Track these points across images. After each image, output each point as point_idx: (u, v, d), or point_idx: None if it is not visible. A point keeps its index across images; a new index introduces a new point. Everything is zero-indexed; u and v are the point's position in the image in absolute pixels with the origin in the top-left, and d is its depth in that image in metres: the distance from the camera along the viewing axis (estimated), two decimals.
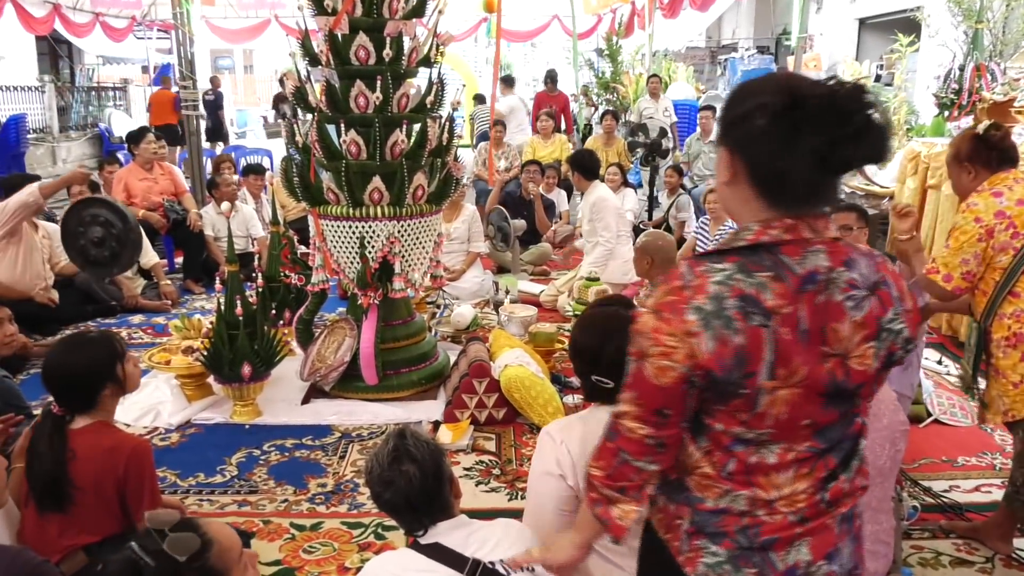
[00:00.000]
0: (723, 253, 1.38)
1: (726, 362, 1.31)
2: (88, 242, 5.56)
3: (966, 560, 2.97)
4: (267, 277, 4.86)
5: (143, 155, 7.26)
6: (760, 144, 1.34)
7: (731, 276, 1.33)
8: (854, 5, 15.72)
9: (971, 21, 6.77)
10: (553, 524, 2.25)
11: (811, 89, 1.31)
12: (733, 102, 1.40)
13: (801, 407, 1.35)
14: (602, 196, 6.27)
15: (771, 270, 1.33)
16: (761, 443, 1.39)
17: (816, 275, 1.34)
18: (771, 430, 1.37)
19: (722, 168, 1.42)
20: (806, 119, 1.28)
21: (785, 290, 1.32)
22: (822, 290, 1.34)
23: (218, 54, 29.85)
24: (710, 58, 23.80)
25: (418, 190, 4.22)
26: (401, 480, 1.90)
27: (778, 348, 1.31)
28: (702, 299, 1.32)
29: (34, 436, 2.47)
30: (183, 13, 8.71)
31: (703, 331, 1.31)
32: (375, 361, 4.24)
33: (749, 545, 1.41)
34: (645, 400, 1.40)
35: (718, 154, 1.45)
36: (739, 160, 1.38)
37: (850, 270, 1.36)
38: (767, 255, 1.35)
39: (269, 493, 3.45)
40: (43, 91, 15.20)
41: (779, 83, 1.35)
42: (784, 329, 1.31)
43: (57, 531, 2.45)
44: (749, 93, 1.38)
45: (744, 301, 1.31)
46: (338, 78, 4.23)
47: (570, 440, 2.21)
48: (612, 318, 2.28)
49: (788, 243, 1.35)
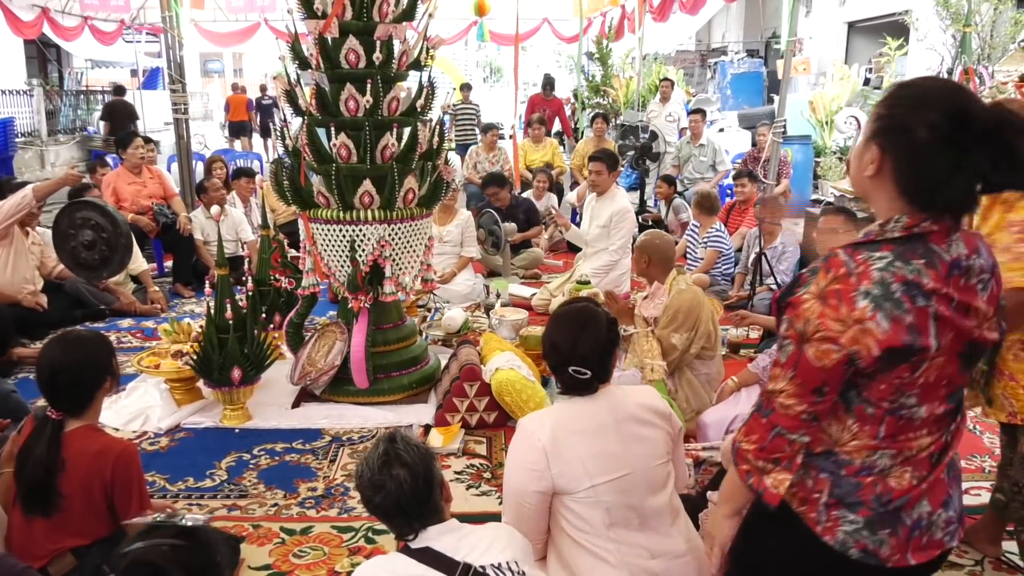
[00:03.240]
0: (878, 243, 1.52)
1: (904, 337, 1.46)
2: (79, 244, 5.55)
3: (956, 563, 2.97)
4: (257, 281, 4.84)
5: (131, 159, 7.23)
6: (919, 158, 1.47)
7: (891, 263, 1.47)
8: (843, 9, 15.81)
9: (959, 25, 6.82)
10: (528, 516, 2.26)
11: (982, 112, 1.42)
12: (895, 107, 1.52)
13: (944, 369, 1.54)
14: (627, 207, 6.20)
15: (924, 257, 1.48)
16: (911, 406, 1.56)
17: (960, 261, 1.51)
18: (917, 393, 1.54)
19: (868, 163, 1.55)
20: (974, 142, 1.42)
21: (938, 275, 1.48)
22: (964, 275, 1.51)
23: (208, 58, 29.82)
24: (700, 61, 23.91)
25: (408, 193, 4.21)
26: (391, 484, 1.89)
27: (940, 322, 1.48)
28: (868, 284, 1.47)
29: (30, 439, 2.45)
30: (172, 17, 8.68)
31: (877, 312, 1.46)
32: (366, 365, 4.23)
33: (883, 509, 1.58)
34: (804, 380, 1.54)
35: (862, 145, 1.57)
36: (890, 162, 1.52)
37: (979, 257, 1.55)
38: (919, 244, 1.50)
39: (259, 497, 3.43)
40: (31, 95, 15.15)
41: (948, 99, 1.45)
42: (942, 306, 1.48)
43: (44, 534, 2.44)
44: (916, 102, 1.48)
45: (907, 286, 1.46)
46: (328, 82, 4.22)
47: (542, 431, 2.22)
48: (584, 312, 2.34)
49: (935, 233, 1.50)
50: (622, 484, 2.19)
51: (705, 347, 4.00)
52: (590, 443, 2.20)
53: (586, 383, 2.26)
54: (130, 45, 17.91)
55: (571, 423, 2.24)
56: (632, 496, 2.21)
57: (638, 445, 2.24)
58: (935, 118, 1.43)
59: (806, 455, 1.63)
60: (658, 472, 2.27)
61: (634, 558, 2.19)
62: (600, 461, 2.19)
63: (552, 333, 2.35)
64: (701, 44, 24.48)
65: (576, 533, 2.22)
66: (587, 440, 2.20)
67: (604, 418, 2.25)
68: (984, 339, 1.58)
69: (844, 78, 11.88)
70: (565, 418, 2.27)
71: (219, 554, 1.59)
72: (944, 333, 1.50)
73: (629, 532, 2.21)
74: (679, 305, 3.93)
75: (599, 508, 2.19)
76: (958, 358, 1.55)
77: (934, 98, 1.46)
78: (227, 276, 4.16)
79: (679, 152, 9.60)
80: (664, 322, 3.95)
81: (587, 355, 2.24)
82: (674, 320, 3.92)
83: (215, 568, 1.56)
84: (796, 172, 9.07)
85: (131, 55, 19.09)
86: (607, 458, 2.20)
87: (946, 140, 1.43)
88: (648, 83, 13.51)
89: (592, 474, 2.17)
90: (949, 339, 1.51)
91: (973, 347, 1.57)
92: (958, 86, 1.54)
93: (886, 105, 1.53)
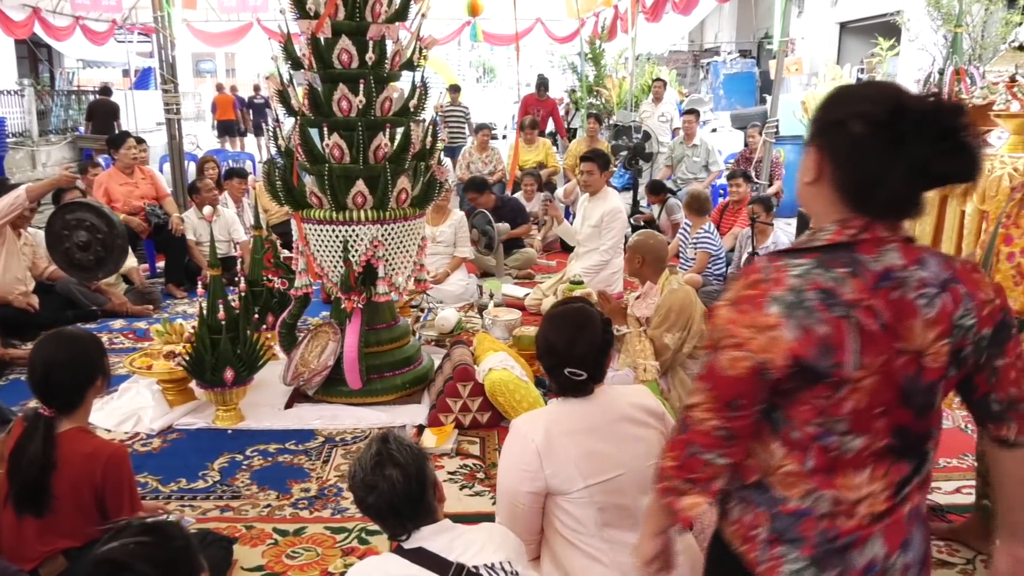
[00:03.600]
0: (801, 251, 1.42)
1: (812, 350, 1.35)
2: (73, 245, 5.52)
3: (947, 562, 2.98)
4: (250, 281, 4.83)
5: (123, 160, 7.21)
6: (855, 151, 1.38)
7: (809, 271, 1.37)
8: (835, 9, 15.85)
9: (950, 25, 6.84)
10: (521, 516, 2.26)
11: (916, 101, 1.34)
12: (830, 106, 1.43)
13: (877, 396, 1.38)
14: (618, 207, 6.19)
15: (848, 266, 1.37)
16: (841, 434, 1.41)
17: (891, 272, 1.37)
18: (848, 419, 1.40)
19: (807, 168, 1.45)
20: (909, 130, 1.32)
21: (862, 286, 1.36)
22: (896, 287, 1.37)
23: (200, 58, 29.75)
24: (693, 62, 23.94)
25: (402, 194, 4.21)
26: (384, 484, 1.89)
27: (863, 337, 1.35)
28: (781, 290, 1.37)
29: (22, 439, 2.44)
30: (164, 16, 8.66)
31: (785, 320, 1.35)
32: (359, 365, 4.23)
33: (829, 547, 1.44)
34: (717, 391, 1.43)
35: (804, 153, 1.47)
36: (828, 163, 1.42)
37: (921, 268, 1.39)
38: (844, 253, 1.39)
39: (252, 498, 3.43)
40: (22, 95, 15.08)
41: (882, 92, 1.38)
42: (867, 319, 1.35)
43: (35, 536, 2.43)
44: (848, 99, 1.41)
45: (824, 293, 1.35)
46: (321, 82, 4.21)
47: (535, 432, 2.22)
48: (580, 313, 2.33)
49: (864, 242, 1.39)
50: (615, 485, 2.20)
51: (698, 347, 4.00)
52: (583, 444, 2.20)
53: (581, 384, 2.26)
54: (122, 45, 17.89)
55: (565, 424, 2.24)
56: (625, 496, 2.21)
57: (632, 445, 2.24)
58: (868, 107, 1.36)
59: (741, 487, 1.52)
60: (652, 472, 2.27)
61: (627, 558, 2.18)
62: (593, 462, 2.19)
63: (548, 334, 2.33)
64: (694, 44, 24.52)
65: (569, 533, 2.22)
66: (580, 441, 2.20)
67: (597, 419, 2.25)
68: (927, 371, 1.39)
69: (836, 78, 11.88)
70: (558, 419, 2.27)
71: (190, 546, 1.58)
72: (869, 352, 1.35)
73: (622, 532, 2.21)
74: (671, 305, 3.94)
75: (592, 508, 2.19)
76: (897, 389, 1.39)
77: (865, 92, 1.40)
78: (220, 277, 4.15)
79: (672, 152, 9.61)
80: (656, 322, 3.96)
81: (583, 357, 2.24)
82: (666, 320, 3.93)
83: (187, 560, 1.55)
84: (788, 172, 9.09)
85: (123, 55, 19.07)
86: (600, 459, 2.20)
87: (881, 128, 1.34)
88: (641, 83, 13.55)
89: (585, 475, 2.17)
90: (880, 362, 1.36)
91: (908, 382, 1.39)
92: (892, 84, 1.45)
93: (822, 107, 1.46)
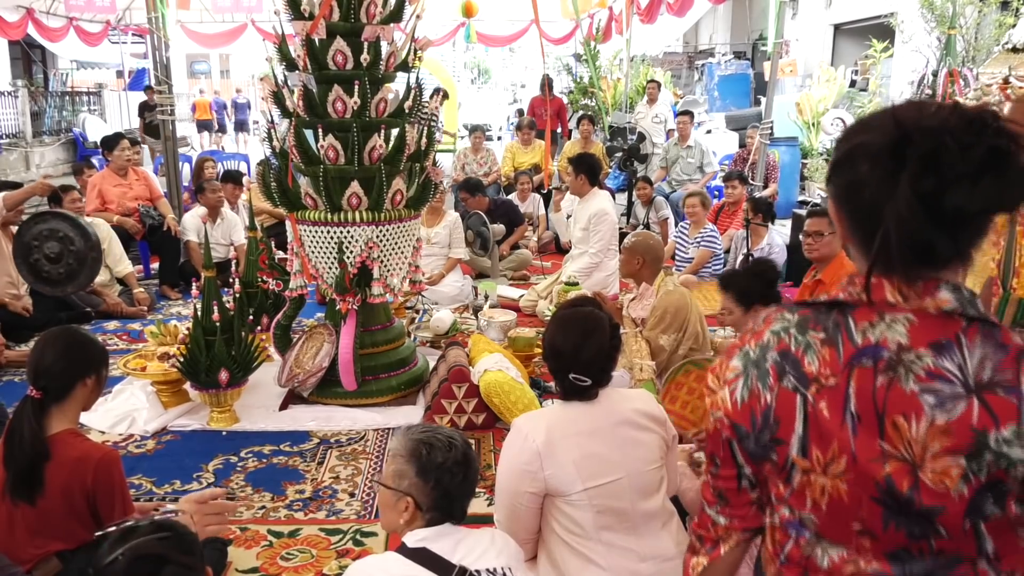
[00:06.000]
0: (805, 304, 1.21)
1: (755, 419, 1.19)
2: (42, 257, 5.34)
3: None
4: (245, 282, 4.82)
5: (117, 161, 7.19)
6: (859, 191, 1.11)
7: (786, 328, 1.18)
8: (829, 11, 15.89)
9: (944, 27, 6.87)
10: (519, 516, 2.26)
11: (923, 119, 1.06)
12: (840, 142, 1.18)
13: (849, 507, 1.14)
14: (604, 209, 6.17)
15: (827, 332, 1.14)
16: (814, 535, 1.20)
17: (881, 349, 1.10)
18: (814, 518, 1.18)
19: (836, 224, 1.21)
20: (912, 157, 1.04)
21: (833, 358, 1.13)
22: (884, 370, 1.09)
23: (194, 58, 29.69)
24: (687, 63, 23.98)
25: (397, 195, 4.21)
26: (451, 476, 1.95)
27: (811, 423, 1.14)
28: (753, 345, 1.21)
29: (13, 421, 2.43)
30: (158, 17, 8.62)
31: (740, 378, 1.21)
32: (354, 366, 4.22)
33: None
34: (708, 443, 1.30)
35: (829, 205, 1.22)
36: (842, 212, 1.16)
37: (940, 356, 1.07)
38: (836, 315, 1.16)
39: (246, 500, 3.42)
40: (16, 96, 15.04)
41: (887, 114, 1.10)
42: (822, 403, 1.13)
43: (28, 537, 2.42)
44: (855, 130, 1.15)
45: (783, 358, 1.17)
46: (316, 83, 4.21)
47: (537, 432, 2.21)
48: (590, 318, 2.31)
49: (864, 305, 1.13)
50: (614, 488, 2.19)
51: (693, 348, 4.01)
52: (584, 446, 2.19)
53: (585, 389, 2.26)
54: (116, 46, 17.86)
55: (566, 426, 2.23)
56: (624, 500, 2.21)
57: (632, 449, 2.24)
58: (868, 137, 1.09)
59: None
60: (651, 477, 2.27)
61: (624, 561, 2.19)
62: (593, 465, 2.18)
63: (555, 337, 2.31)
64: (688, 46, 24.56)
65: (566, 535, 2.22)
66: (581, 443, 2.20)
67: (600, 422, 2.24)
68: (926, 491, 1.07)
69: (830, 80, 11.94)
70: (561, 421, 2.26)
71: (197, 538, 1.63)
72: (820, 443, 1.13)
73: (620, 535, 2.21)
74: (667, 306, 3.94)
75: (590, 511, 2.18)
76: (871, 501, 1.11)
77: (872, 119, 1.13)
78: (214, 278, 4.14)
79: (667, 154, 9.61)
80: (652, 323, 3.96)
81: (589, 363, 2.23)
82: (662, 321, 3.93)
83: (201, 551, 1.60)
84: (783, 174, 9.11)
85: (117, 56, 19.05)
86: (600, 462, 2.19)
87: (883, 160, 1.06)
88: (636, 85, 13.56)
89: (585, 478, 2.17)
90: (842, 460, 1.12)
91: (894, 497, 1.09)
92: (906, 103, 1.14)
93: (836, 144, 1.21)
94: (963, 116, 1.04)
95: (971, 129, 1.03)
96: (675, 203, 8.30)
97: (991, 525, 1.08)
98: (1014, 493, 1.05)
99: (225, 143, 21.55)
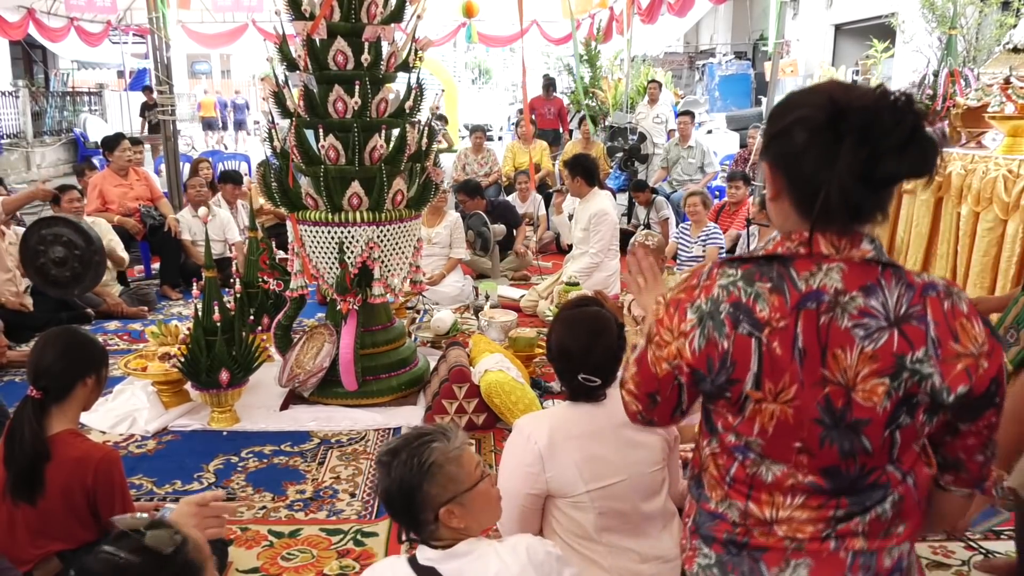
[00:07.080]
0: (743, 260, 1.37)
1: (712, 364, 1.34)
2: (48, 261, 5.42)
3: (943, 563, 2.99)
4: (245, 282, 4.82)
5: (118, 161, 7.19)
6: (799, 159, 1.29)
7: (734, 282, 1.34)
8: (830, 11, 15.90)
9: (945, 27, 6.85)
10: (520, 517, 2.25)
11: (855, 99, 1.24)
12: (774, 116, 1.36)
13: (792, 428, 1.33)
14: (605, 209, 6.12)
15: (773, 282, 1.31)
16: (759, 455, 1.38)
17: (822, 294, 1.29)
18: (760, 441, 1.36)
19: (767, 184, 1.39)
20: (848, 131, 1.22)
21: (782, 304, 1.30)
22: (826, 311, 1.28)
23: (195, 59, 29.70)
24: (688, 63, 23.99)
25: (397, 195, 4.21)
26: (383, 483, 1.85)
27: (765, 360, 1.31)
28: (703, 299, 1.35)
29: (14, 420, 2.43)
30: (159, 18, 8.63)
31: (696, 329, 1.35)
32: (354, 367, 4.22)
33: (737, 554, 1.42)
34: (642, 379, 1.47)
35: (761, 170, 1.41)
36: (780, 176, 1.34)
37: (869, 297, 1.29)
38: (778, 266, 1.33)
39: (247, 500, 3.42)
40: (17, 96, 15.05)
41: (822, 94, 1.28)
42: (775, 343, 1.30)
43: (29, 538, 2.42)
44: (790, 106, 1.33)
45: (736, 308, 1.32)
46: (316, 83, 4.21)
47: (539, 433, 2.21)
48: (598, 318, 2.29)
49: (802, 257, 1.31)
50: (616, 490, 2.19)
51: None
52: (586, 448, 2.19)
53: (594, 390, 2.25)
54: (116, 46, 17.85)
55: (569, 427, 2.23)
56: (626, 502, 2.20)
57: (634, 451, 2.23)
58: (806, 112, 1.27)
59: (690, 476, 1.55)
60: (653, 478, 2.26)
61: (625, 562, 2.19)
62: (595, 466, 2.18)
63: (563, 338, 2.29)
64: (689, 46, 24.57)
65: (568, 536, 2.22)
66: (583, 445, 2.19)
67: (602, 423, 2.23)
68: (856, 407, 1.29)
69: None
70: (563, 422, 2.25)
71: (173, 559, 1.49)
72: (772, 376, 1.30)
73: (621, 537, 2.20)
74: None
75: (592, 513, 2.18)
76: (814, 423, 1.31)
77: (806, 97, 1.31)
78: (215, 278, 4.14)
79: (667, 154, 9.61)
80: None
81: (599, 364, 2.22)
82: None
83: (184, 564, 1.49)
84: None
85: (118, 56, 19.05)
86: (602, 464, 2.19)
87: (821, 132, 1.24)
88: (636, 85, 13.55)
89: (587, 479, 2.16)
90: (790, 388, 1.30)
91: (831, 414, 1.30)
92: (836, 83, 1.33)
93: (769, 118, 1.39)
94: (888, 96, 1.23)
95: (897, 108, 1.22)
96: (676, 203, 8.30)
97: (903, 432, 1.31)
98: (923, 405, 1.29)
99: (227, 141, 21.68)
